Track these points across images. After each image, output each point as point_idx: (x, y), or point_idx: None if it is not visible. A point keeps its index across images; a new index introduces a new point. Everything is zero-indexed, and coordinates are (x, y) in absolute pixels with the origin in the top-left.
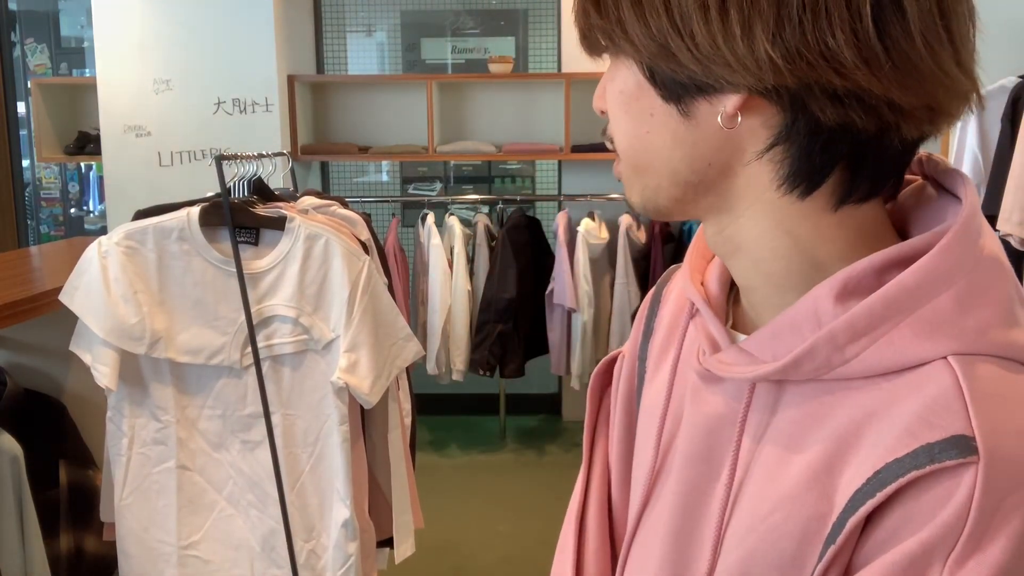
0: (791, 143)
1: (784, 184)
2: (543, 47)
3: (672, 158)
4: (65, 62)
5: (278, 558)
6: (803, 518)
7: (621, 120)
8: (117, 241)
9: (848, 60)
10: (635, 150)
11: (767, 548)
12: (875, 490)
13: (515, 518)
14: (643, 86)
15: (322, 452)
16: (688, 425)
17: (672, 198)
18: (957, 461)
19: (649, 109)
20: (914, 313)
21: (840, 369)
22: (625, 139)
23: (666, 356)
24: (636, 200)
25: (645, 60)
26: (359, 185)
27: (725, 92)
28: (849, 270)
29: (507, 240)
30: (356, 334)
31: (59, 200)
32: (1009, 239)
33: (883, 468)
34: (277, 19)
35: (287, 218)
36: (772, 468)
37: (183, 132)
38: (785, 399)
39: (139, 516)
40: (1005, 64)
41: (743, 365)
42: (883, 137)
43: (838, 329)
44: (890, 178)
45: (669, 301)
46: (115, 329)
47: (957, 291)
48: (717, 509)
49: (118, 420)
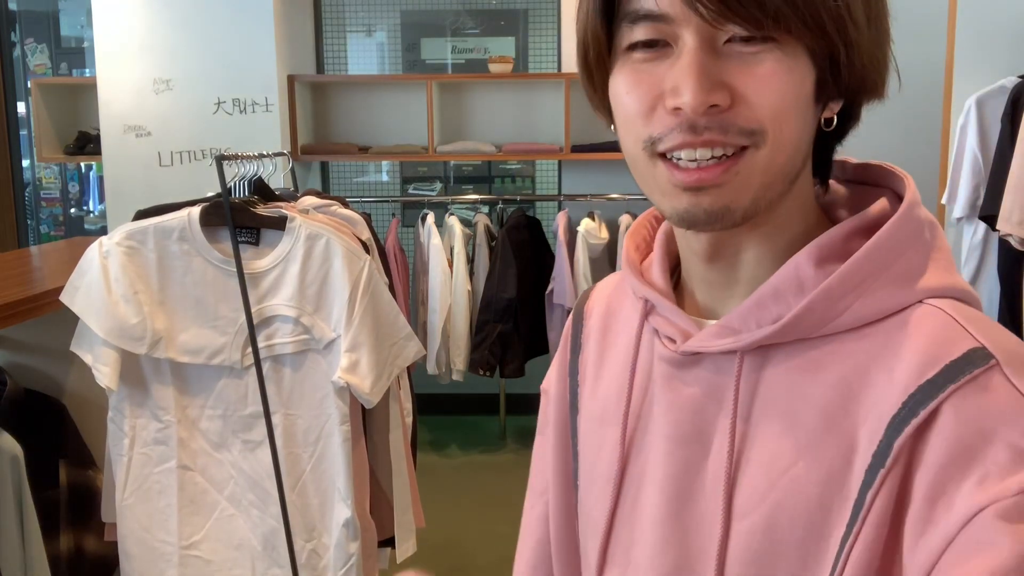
0: (826, 135)
1: (817, 174)
2: (543, 47)
3: (802, 157)
4: (65, 62)
5: (279, 558)
6: (826, 461)
7: (790, 108)
8: (118, 241)
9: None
10: (796, 143)
11: (792, 499)
12: (918, 408)
13: (515, 518)
14: (808, 81)
15: (323, 452)
16: (669, 410)
17: (772, 200)
18: (983, 367)
19: (807, 103)
20: (891, 267)
21: (833, 323)
22: (790, 128)
23: (606, 361)
24: (746, 204)
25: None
26: (359, 185)
27: (843, 96)
28: (823, 238)
29: (507, 240)
30: (357, 334)
31: (59, 200)
32: (1009, 239)
33: (916, 390)
34: (277, 19)
35: (288, 218)
36: (779, 426)
37: (183, 132)
38: (774, 362)
39: (140, 516)
40: (1005, 64)
41: (731, 338)
42: (850, 122)
43: (833, 285)
44: None
45: (592, 315)
46: (116, 329)
47: (920, 248)
48: (720, 480)
49: (119, 420)
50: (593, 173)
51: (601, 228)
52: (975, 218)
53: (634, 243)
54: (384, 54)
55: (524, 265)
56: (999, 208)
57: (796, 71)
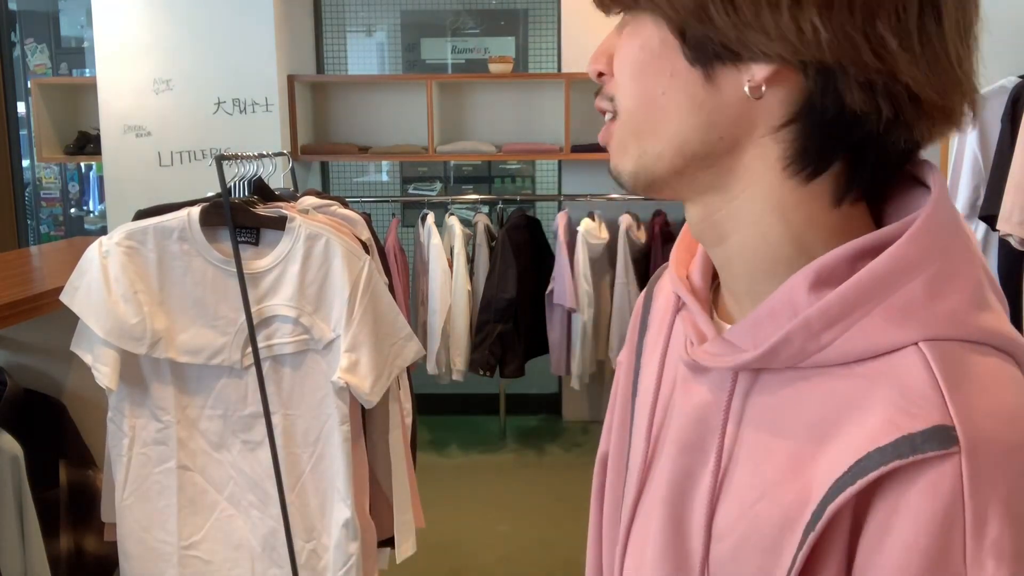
0: (807, 122)
1: (792, 165)
2: (543, 47)
3: (684, 124)
4: (65, 62)
5: (279, 558)
6: (784, 505)
7: (634, 78)
8: (118, 241)
9: (892, 46)
10: (645, 111)
11: (753, 535)
12: (856, 478)
13: (515, 518)
14: (669, 44)
15: (323, 452)
16: (679, 415)
17: (672, 169)
18: (939, 452)
19: (670, 69)
20: (886, 300)
21: (816, 356)
22: (633, 99)
23: (655, 350)
24: (629, 167)
25: (678, 18)
26: (359, 185)
27: (756, 61)
28: (823, 259)
29: (507, 240)
30: (357, 334)
31: (59, 200)
32: (1009, 239)
33: (864, 457)
34: (277, 19)
35: (287, 218)
36: (756, 456)
37: (183, 132)
38: (763, 387)
39: (140, 516)
40: (1005, 64)
41: (726, 354)
42: (892, 132)
43: (812, 317)
44: (886, 179)
45: (660, 296)
46: (115, 329)
47: (927, 277)
48: (706, 497)
49: (119, 420)
50: (593, 173)
51: (601, 228)
52: (975, 218)
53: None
54: (384, 54)
55: (524, 265)
56: (999, 208)
57: (638, 36)
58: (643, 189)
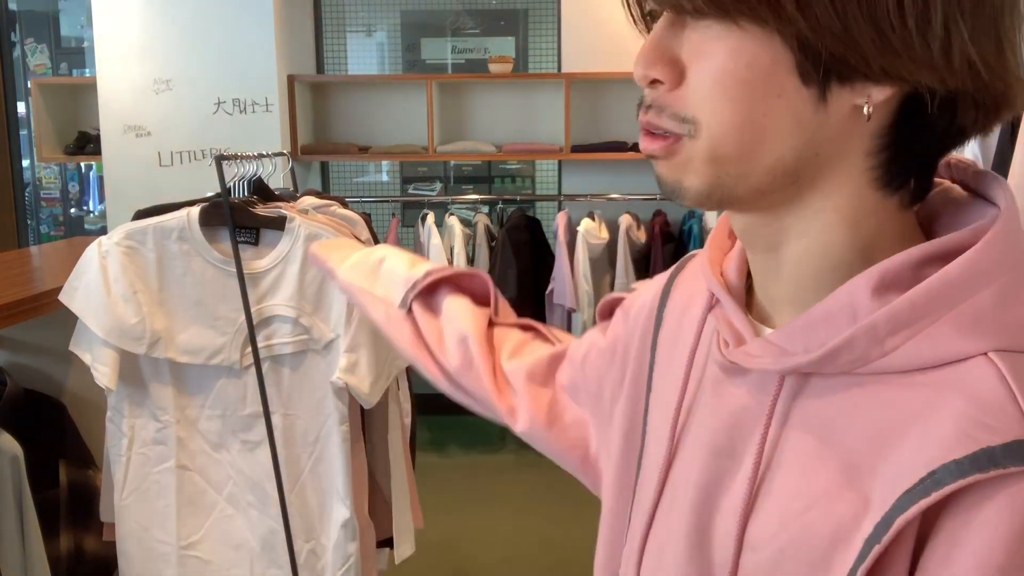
0: (909, 138)
1: (882, 176)
2: (543, 47)
3: (784, 144)
4: (65, 62)
5: (278, 558)
6: (837, 516)
7: (734, 99)
8: (117, 241)
9: (1012, 65)
10: (740, 134)
11: (800, 546)
12: (930, 490)
13: (515, 518)
14: (781, 62)
15: (322, 452)
16: (711, 417)
17: (756, 189)
18: (1022, 468)
19: (778, 90)
20: (956, 308)
21: (877, 363)
22: (728, 123)
23: (677, 347)
24: (698, 185)
25: (812, 37)
26: (359, 185)
27: (879, 83)
28: (887, 263)
29: (507, 240)
30: (356, 334)
31: (59, 200)
32: None
33: (939, 469)
34: (277, 19)
35: (287, 218)
36: (803, 464)
37: (183, 132)
38: (813, 392)
39: (139, 516)
40: None
41: (772, 357)
42: (966, 137)
43: (879, 321)
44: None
45: (678, 289)
46: (115, 329)
47: (1000, 287)
48: (739, 504)
49: (118, 420)
50: (593, 173)
51: (601, 228)
52: None
53: (727, 228)
54: (384, 54)
55: (524, 265)
56: None
57: (743, 52)
58: (713, 206)
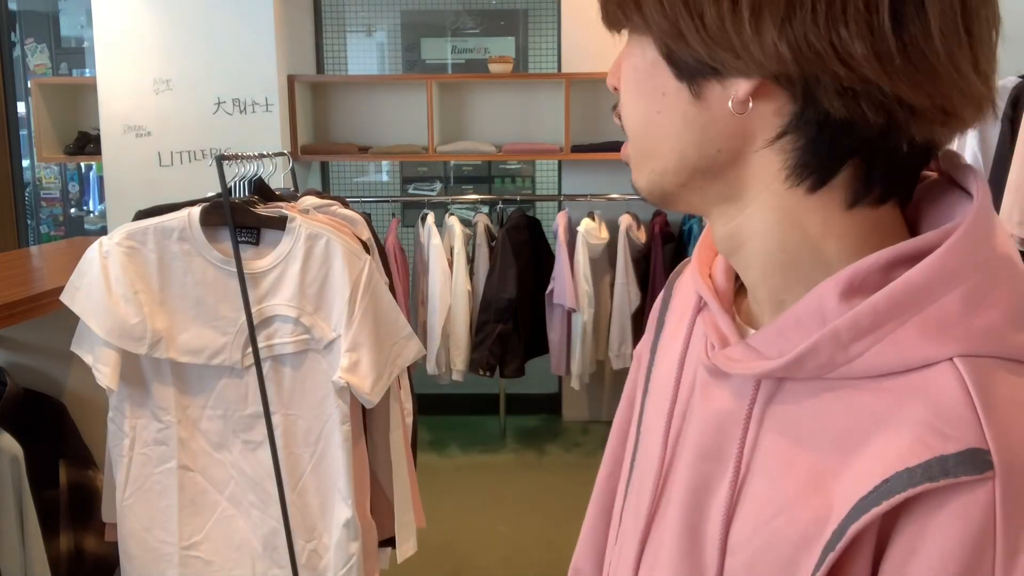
0: (800, 133)
1: (792, 175)
2: (543, 47)
3: (681, 140)
4: (65, 62)
5: (279, 558)
6: (803, 522)
7: (633, 98)
8: (118, 241)
9: (858, 53)
10: (645, 130)
11: (768, 551)
12: (882, 498)
13: (515, 518)
14: (657, 64)
15: (323, 452)
16: (699, 420)
17: (678, 183)
18: (973, 477)
19: (662, 88)
20: (921, 312)
21: (843, 368)
22: (635, 118)
23: (671, 350)
24: (643, 184)
25: (659, 38)
26: (359, 185)
27: (738, 76)
28: (855, 267)
29: (507, 240)
30: (357, 333)
31: (59, 200)
32: None
33: (892, 477)
34: (277, 19)
35: (288, 218)
36: (775, 469)
37: (183, 132)
38: (786, 397)
39: (141, 516)
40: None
41: (748, 361)
42: (891, 136)
43: (842, 327)
44: (904, 181)
45: (680, 293)
46: (116, 329)
47: (965, 290)
48: (723, 508)
49: (119, 420)
50: (593, 173)
51: (601, 228)
52: None
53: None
54: (384, 54)
55: (524, 265)
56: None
57: (632, 56)
58: (659, 203)
